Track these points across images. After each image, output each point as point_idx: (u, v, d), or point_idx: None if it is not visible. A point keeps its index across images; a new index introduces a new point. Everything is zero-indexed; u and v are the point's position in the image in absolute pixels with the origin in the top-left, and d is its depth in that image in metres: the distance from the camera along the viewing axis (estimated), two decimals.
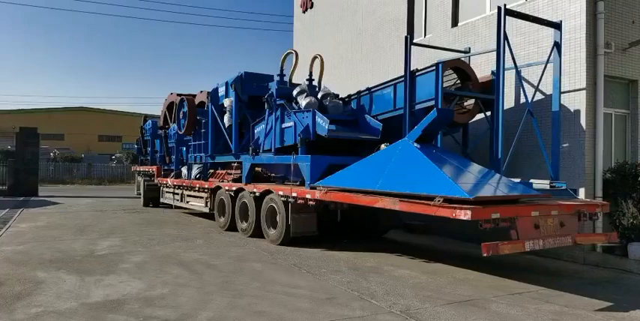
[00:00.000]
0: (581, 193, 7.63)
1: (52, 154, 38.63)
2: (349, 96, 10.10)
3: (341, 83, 11.90)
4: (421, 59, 9.07)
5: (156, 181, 15.61)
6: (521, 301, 5.40)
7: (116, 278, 6.13)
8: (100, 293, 5.42)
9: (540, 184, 7.24)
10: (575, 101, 7.91)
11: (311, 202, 8.02)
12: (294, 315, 4.76)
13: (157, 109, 18.13)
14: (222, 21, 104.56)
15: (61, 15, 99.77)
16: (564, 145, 7.92)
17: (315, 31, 16.70)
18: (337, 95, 10.14)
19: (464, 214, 5.27)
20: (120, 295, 5.35)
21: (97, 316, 4.63)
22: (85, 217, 12.98)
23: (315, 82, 10.46)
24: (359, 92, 9.76)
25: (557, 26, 7.81)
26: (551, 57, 7.83)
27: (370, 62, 13.25)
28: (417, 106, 8.30)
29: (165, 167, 15.67)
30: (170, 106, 14.65)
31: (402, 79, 8.48)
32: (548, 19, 7.91)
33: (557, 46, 7.78)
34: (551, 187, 7.23)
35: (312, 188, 8.06)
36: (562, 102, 7.83)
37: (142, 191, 17.01)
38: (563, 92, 7.87)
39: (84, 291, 5.51)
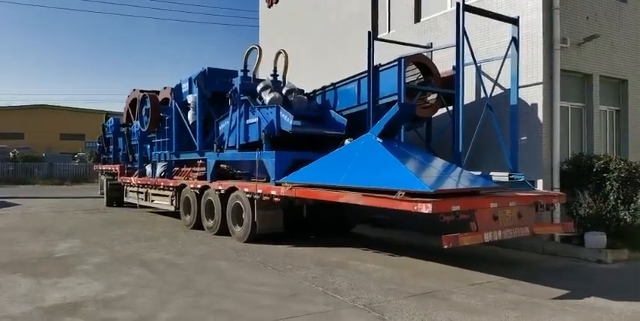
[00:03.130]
0: (540, 185, 7.84)
1: (11, 153, 37.20)
2: (314, 91, 10.08)
3: (306, 78, 11.85)
4: (387, 55, 9.10)
5: (119, 180, 15.23)
6: (481, 291, 5.51)
7: (74, 280, 5.95)
8: (56, 296, 5.25)
9: (499, 176, 7.39)
10: (533, 95, 8.10)
11: (276, 199, 7.97)
12: (257, 312, 4.73)
13: (120, 106, 17.71)
14: (185, 15, 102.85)
15: (13, 8, 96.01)
16: (522, 138, 8.11)
17: (281, 26, 16.58)
18: (302, 91, 10.10)
19: (425, 208, 5.33)
20: (77, 297, 5.20)
21: (52, 319, 4.49)
22: (44, 218, 12.58)
23: (279, 78, 10.38)
24: (324, 87, 9.75)
25: (514, 22, 7.96)
26: (509, 52, 7.99)
27: (336, 57, 13.24)
28: (381, 101, 8.35)
29: (129, 166, 15.30)
30: (133, 103, 14.29)
31: (366, 74, 8.51)
32: (506, 15, 8.06)
33: (515, 41, 7.94)
34: (510, 179, 7.39)
35: (277, 184, 8.01)
36: (520, 96, 8.01)
37: (105, 191, 16.57)
38: (521, 86, 8.05)
39: (39, 294, 5.33)
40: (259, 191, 8.22)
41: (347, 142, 7.98)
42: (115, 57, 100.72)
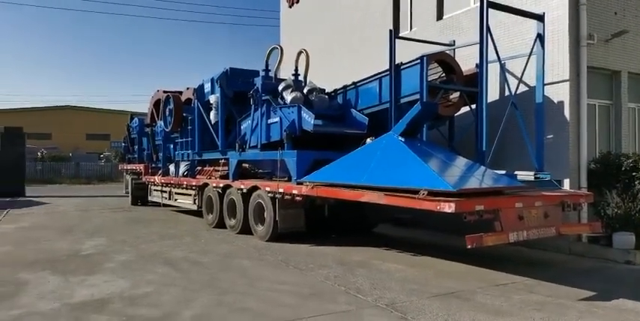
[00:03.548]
0: (566, 184, 7.68)
1: (39, 153, 38.20)
2: (335, 90, 10.06)
3: (327, 77, 11.86)
4: (408, 53, 9.04)
5: (143, 179, 15.50)
6: (505, 292, 5.43)
7: (101, 278, 6.07)
8: (83, 293, 5.37)
9: (525, 175, 7.27)
10: (559, 93, 7.94)
11: (298, 198, 7.99)
12: (279, 311, 4.75)
13: (144, 107, 18.03)
14: (208, 17, 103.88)
15: (40, 12, 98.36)
16: (548, 136, 7.96)
17: (302, 25, 16.62)
18: (323, 90, 10.10)
19: (448, 207, 5.28)
20: (104, 294, 5.31)
21: (80, 316, 4.59)
22: (71, 217, 12.86)
23: (300, 77, 10.41)
24: (345, 86, 9.73)
25: (539, 18, 7.82)
26: (535, 49, 7.85)
27: (357, 56, 13.20)
28: (403, 100, 8.29)
29: (153, 165, 15.56)
30: (157, 104, 14.51)
31: (387, 72, 8.46)
32: (531, 11, 7.92)
33: (540, 38, 7.79)
34: (535, 178, 7.26)
35: (298, 184, 8.03)
36: (546, 94, 7.86)
37: (129, 190, 16.88)
38: (547, 84, 7.90)
39: (67, 291, 5.46)
40: (281, 190, 8.25)
41: (369, 141, 7.95)
42: (125, 58, 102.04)
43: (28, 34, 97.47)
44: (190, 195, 12.00)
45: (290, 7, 17.45)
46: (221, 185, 10.30)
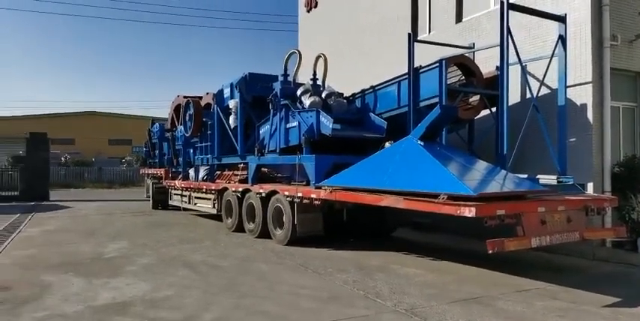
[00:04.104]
0: (590, 188, 7.54)
1: (62, 158, 38.99)
2: (354, 94, 10.06)
3: (346, 82, 11.87)
4: (426, 55, 9.00)
5: (164, 183, 15.68)
6: (527, 297, 5.34)
7: (123, 281, 6.16)
8: (106, 296, 5.45)
9: (547, 179, 7.16)
10: (582, 95, 7.81)
11: (316, 202, 7.99)
12: (298, 314, 4.75)
13: (165, 112, 18.28)
14: (228, 22, 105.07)
15: (65, 19, 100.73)
16: (571, 139, 7.82)
17: (320, 30, 16.68)
18: (342, 94, 10.10)
19: (468, 211, 5.22)
20: (126, 297, 5.38)
21: (103, 319, 4.66)
22: (94, 221, 13.08)
23: (319, 82, 10.43)
24: (363, 90, 9.72)
25: (561, 19, 7.71)
26: (556, 51, 7.74)
27: (375, 60, 13.19)
28: (422, 104, 8.24)
29: (173, 169, 15.75)
30: (177, 109, 14.71)
31: (406, 76, 8.43)
32: (553, 13, 7.82)
33: (562, 39, 7.68)
34: (558, 182, 7.15)
35: (317, 188, 8.04)
36: (568, 96, 7.74)
37: (150, 194, 17.10)
38: (569, 86, 7.78)
39: (91, 294, 5.55)
40: (299, 194, 8.27)
41: (387, 145, 7.93)
42: (160, 64, 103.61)
43: (53, 39, 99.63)
44: (210, 199, 12.10)
45: (308, 11, 17.55)
46: (240, 189, 10.37)
